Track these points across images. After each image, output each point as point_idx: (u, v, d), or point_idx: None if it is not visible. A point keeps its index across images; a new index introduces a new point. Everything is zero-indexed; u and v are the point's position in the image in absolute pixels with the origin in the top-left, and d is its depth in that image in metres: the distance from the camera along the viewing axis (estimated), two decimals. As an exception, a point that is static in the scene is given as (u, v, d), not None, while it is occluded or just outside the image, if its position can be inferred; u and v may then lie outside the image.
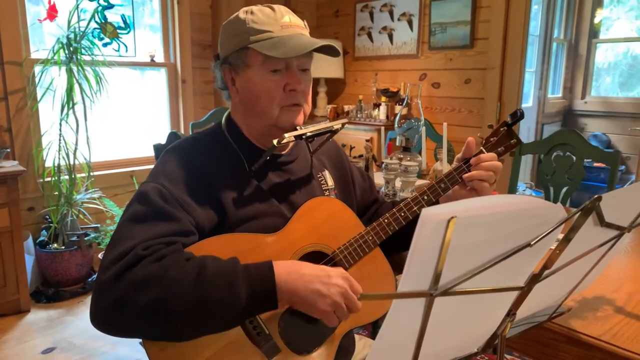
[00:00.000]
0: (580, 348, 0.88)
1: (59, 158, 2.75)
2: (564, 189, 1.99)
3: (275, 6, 1.02)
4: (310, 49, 0.97)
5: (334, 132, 1.08)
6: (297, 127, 1.02)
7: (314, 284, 0.84)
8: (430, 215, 0.46)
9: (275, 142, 0.96)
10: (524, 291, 0.64)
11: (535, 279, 0.62)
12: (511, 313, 0.68)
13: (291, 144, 1.11)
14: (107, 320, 0.80)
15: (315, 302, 0.84)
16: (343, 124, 1.08)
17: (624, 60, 4.89)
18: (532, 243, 0.56)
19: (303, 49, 0.96)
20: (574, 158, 1.96)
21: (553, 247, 0.63)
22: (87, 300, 2.74)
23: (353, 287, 0.87)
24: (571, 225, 0.59)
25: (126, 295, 0.78)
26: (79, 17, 2.72)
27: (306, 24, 1.06)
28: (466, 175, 1.05)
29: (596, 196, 0.56)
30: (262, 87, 0.99)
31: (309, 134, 1.02)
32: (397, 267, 1.12)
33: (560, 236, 0.61)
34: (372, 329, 2.10)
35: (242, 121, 1.07)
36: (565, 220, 0.57)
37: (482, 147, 1.09)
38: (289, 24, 1.00)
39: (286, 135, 0.98)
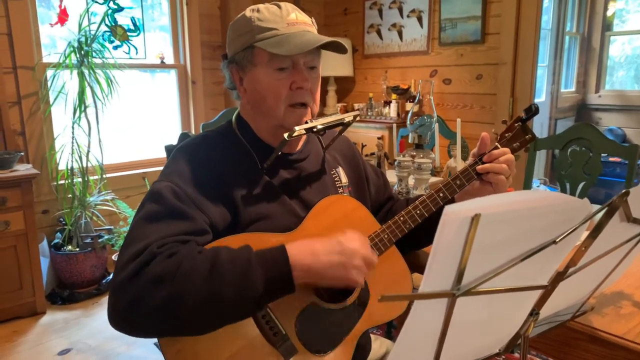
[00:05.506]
0: (603, 347, 0.86)
1: (72, 161, 2.77)
2: (581, 185, 1.95)
3: (282, 3, 1.01)
4: (315, 45, 0.94)
5: (345, 125, 1.06)
6: (308, 121, 1.00)
7: (329, 256, 0.85)
8: (454, 213, 0.45)
9: (286, 135, 0.95)
10: (548, 290, 0.62)
11: (559, 277, 0.61)
12: (534, 312, 0.66)
13: (302, 140, 1.10)
14: (125, 320, 0.79)
15: (335, 275, 0.86)
16: (355, 117, 1.06)
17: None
18: (557, 240, 0.54)
19: (308, 46, 0.94)
20: (591, 153, 1.92)
21: (578, 244, 0.61)
22: (102, 301, 2.75)
23: (365, 246, 0.90)
24: (597, 221, 0.57)
25: (142, 293, 0.77)
26: (89, 20, 2.73)
27: (314, 21, 1.04)
28: (480, 167, 1.03)
29: (624, 191, 0.54)
30: (269, 85, 0.98)
31: (319, 126, 0.99)
32: (413, 265, 1.10)
33: (585, 233, 0.60)
34: (387, 328, 2.09)
35: (251, 121, 1.06)
36: (591, 216, 0.55)
37: (497, 143, 1.07)
38: (295, 21, 0.98)
39: (297, 128, 0.96)
